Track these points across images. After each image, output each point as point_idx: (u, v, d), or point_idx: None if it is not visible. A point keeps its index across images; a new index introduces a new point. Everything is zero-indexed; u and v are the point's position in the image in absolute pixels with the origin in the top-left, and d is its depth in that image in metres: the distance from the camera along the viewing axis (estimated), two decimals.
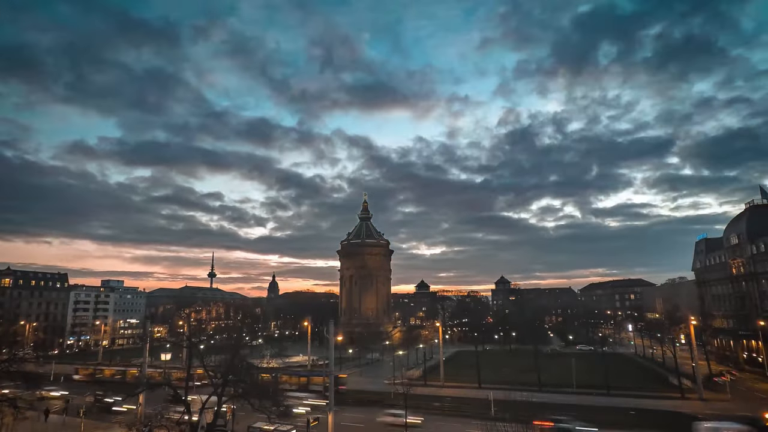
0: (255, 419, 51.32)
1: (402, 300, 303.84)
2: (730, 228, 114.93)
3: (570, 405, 68.81)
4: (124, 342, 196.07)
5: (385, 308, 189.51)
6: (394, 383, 76.92)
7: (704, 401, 72.24)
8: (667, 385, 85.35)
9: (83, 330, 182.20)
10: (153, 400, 55.93)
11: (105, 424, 57.62)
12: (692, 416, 61.98)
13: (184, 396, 42.28)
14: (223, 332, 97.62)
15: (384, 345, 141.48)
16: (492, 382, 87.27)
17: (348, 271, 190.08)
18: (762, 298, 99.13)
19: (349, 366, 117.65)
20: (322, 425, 51.82)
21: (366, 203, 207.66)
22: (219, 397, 41.63)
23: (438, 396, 78.30)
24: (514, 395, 53.66)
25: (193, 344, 47.62)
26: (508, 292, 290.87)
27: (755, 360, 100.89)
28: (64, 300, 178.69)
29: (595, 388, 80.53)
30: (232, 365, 43.27)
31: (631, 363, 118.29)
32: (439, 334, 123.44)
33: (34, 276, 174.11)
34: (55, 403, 68.81)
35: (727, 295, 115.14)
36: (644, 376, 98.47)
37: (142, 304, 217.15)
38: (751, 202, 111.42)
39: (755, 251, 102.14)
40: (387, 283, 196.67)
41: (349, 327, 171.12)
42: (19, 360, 49.56)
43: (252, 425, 51.74)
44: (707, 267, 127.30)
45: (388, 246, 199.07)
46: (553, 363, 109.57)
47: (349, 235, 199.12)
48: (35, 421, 55.85)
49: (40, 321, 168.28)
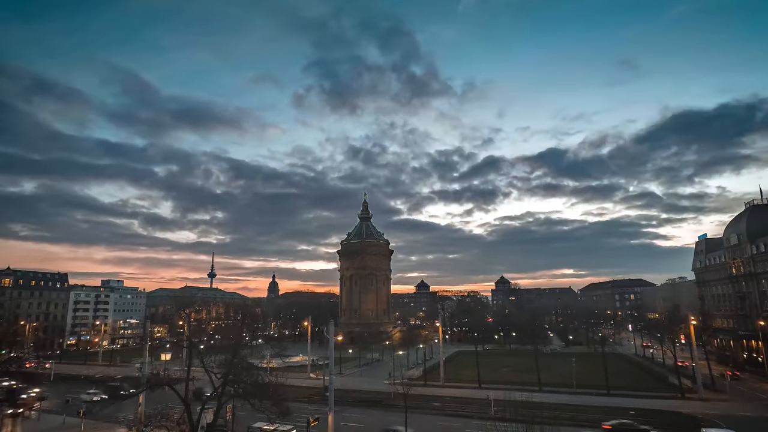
0: (255, 419, 51.30)
1: (402, 300, 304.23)
2: (730, 228, 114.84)
3: (570, 405, 68.81)
4: (125, 342, 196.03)
5: (385, 308, 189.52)
6: (394, 383, 76.93)
7: (704, 401, 72.23)
8: (667, 385, 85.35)
9: (83, 330, 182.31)
10: (154, 400, 55.91)
11: (105, 425, 57.61)
12: (692, 416, 62.06)
13: (184, 396, 42.29)
14: (223, 332, 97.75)
15: (384, 345, 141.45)
16: (492, 382, 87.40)
17: (348, 271, 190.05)
18: (762, 298, 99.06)
19: (349, 366, 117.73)
20: (322, 425, 51.83)
21: (366, 203, 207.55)
22: (219, 397, 41.61)
23: (438, 396, 78.26)
24: (514, 395, 53.65)
25: (193, 344, 47.56)
26: (508, 292, 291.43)
27: (755, 360, 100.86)
28: (64, 300, 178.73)
29: (595, 388, 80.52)
30: (232, 365, 43.26)
31: (631, 363, 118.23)
32: (439, 334, 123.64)
33: (34, 276, 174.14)
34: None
35: (727, 295, 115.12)
36: (644, 376, 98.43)
37: (142, 304, 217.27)
38: (751, 202, 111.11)
39: (755, 251, 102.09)
40: (387, 283, 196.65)
41: (349, 327, 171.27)
42: (19, 360, 49.62)
43: (252, 425, 51.72)
44: (707, 267, 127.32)
45: (388, 246, 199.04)
46: (553, 363, 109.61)
47: (349, 235, 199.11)
48: (35, 421, 55.95)
49: (40, 321, 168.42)
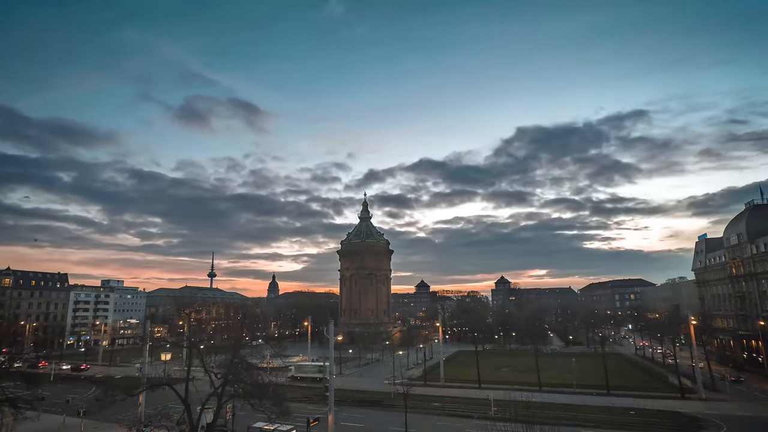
0: (255, 419, 51.27)
1: (402, 300, 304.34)
2: (730, 228, 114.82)
3: (570, 405, 68.79)
4: (125, 342, 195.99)
5: (385, 308, 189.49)
6: (394, 383, 76.94)
7: (704, 401, 72.22)
8: (667, 385, 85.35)
9: (83, 330, 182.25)
10: (154, 400, 55.95)
11: (105, 424, 57.60)
12: (692, 416, 62.04)
13: (184, 396, 42.25)
14: (223, 332, 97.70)
15: (384, 345, 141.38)
16: (492, 382, 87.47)
17: (348, 271, 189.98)
18: (762, 298, 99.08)
19: (349, 366, 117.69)
20: (322, 425, 51.82)
21: (366, 203, 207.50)
22: (219, 397, 41.59)
23: (438, 396, 78.21)
24: (514, 395, 53.67)
25: (193, 344, 47.53)
26: (508, 292, 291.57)
27: (755, 360, 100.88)
28: (64, 300, 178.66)
29: (595, 388, 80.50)
30: (232, 365, 43.23)
31: (631, 363, 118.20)
32: (439, 334, 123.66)
33: (34, 276, 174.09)
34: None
35: (727, 295, 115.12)
36: (644, 376, 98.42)
37: (142, 304, 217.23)
38: (750, 202, 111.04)
39: (755, 251, 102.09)
40: (387, 283, 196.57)
41: (349, 327, 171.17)
42: (19, 360, 49.59)
43: (252, 425, 51.70)
44: (707, 267, 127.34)
45: (388, 246, 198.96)
46: (553, 363, 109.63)
47: (349, 235, 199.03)
48: (35, 421, 55.88)
49: (40, 321, 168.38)
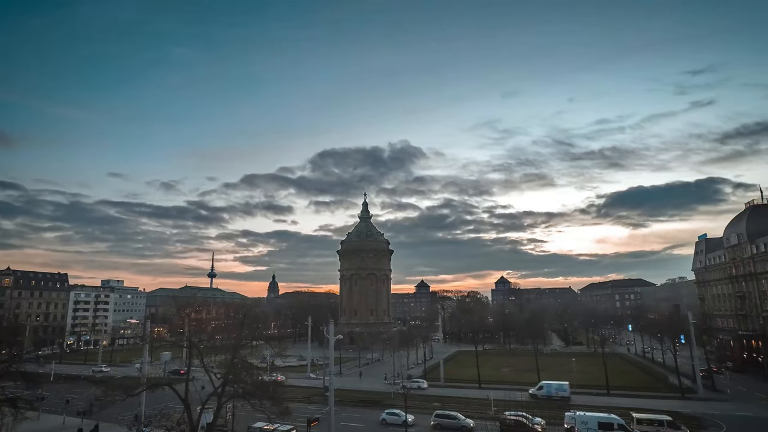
0: (255, 419, 51.27)
1: (402, 300, 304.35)
2: (730, 228, 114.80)
3: (570, 405, 68.72)
4: (124, 342, 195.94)
5: (385, 308, 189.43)
6: (394, 383, 77.00)
7: (704, 401, 72.21)
8: (667, 385, 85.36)
9: (83, 330, 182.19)
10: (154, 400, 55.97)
11: (105, 425, 57.57)
12: (692, 416, 62.00)
13: (184, 396, 42.23)
14: (223, 332, 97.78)
15: (384, 345, 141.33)
16: (492, 382, 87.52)
17: (348, 271, 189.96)
18: (762, 298, 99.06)
19: (349, 366, 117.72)
20: (322, 425, 51.83)
21: (366, 203, 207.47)
22: (219, 397, 41.57)
23: (438, 396, 78.19)
24: (514, 395, 53.75)
25: (193, 344, 47.50)
26: (508, 292, 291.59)
27: (755, 360, 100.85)
28: (64, 300, 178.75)
29: (595, 388, 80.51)
30: (232, 365, 43.20)
31: (631, 363, 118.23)
32: (440, 334, 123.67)
33: (34, 276, 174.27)
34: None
35: (727, 295, 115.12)
36: (644, 376, 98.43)
37: (142, 304, 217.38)
38: (751, 202, 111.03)
39: (755, 251, 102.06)
40: (387, 282, 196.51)
41: (349, 327, 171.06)
42: (19, 360, 49.48)
43: (252, 425, 51.70)
44: (707, 267, 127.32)
45: (388, 246, 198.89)
46: (553, 363, 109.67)
47: (350, 235, 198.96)
48: (35, 421, 55.87)
49: (40, 321, 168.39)
